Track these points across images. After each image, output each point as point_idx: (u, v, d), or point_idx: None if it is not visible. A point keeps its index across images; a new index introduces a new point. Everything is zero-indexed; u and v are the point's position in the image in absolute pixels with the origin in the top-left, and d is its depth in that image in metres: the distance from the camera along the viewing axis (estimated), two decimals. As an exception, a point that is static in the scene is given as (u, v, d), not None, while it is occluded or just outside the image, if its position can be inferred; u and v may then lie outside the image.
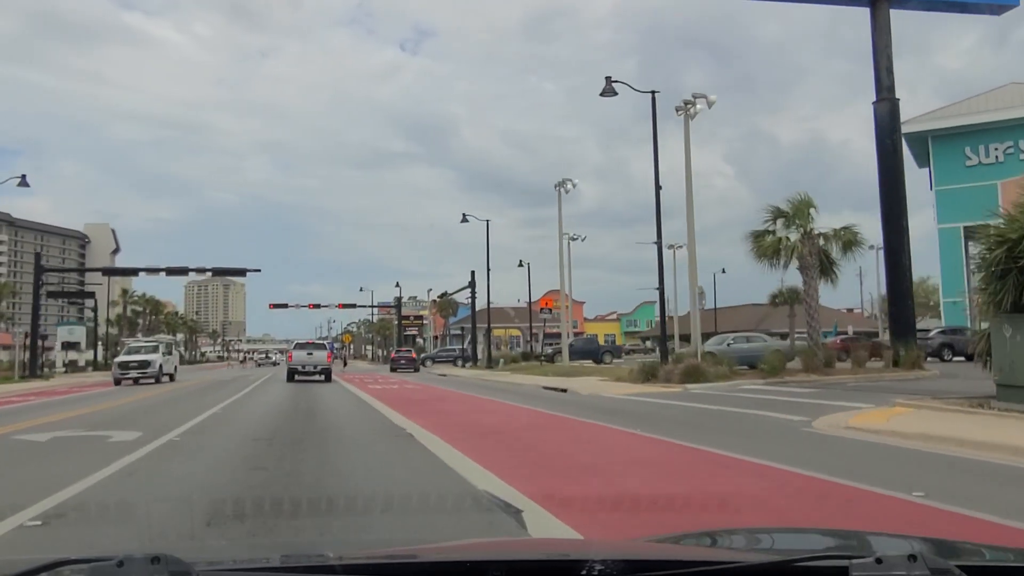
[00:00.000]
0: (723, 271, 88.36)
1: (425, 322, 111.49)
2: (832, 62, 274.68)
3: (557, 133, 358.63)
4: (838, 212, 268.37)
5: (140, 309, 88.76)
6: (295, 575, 1.74)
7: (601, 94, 24.61)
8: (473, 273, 55.92)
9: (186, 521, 5.79)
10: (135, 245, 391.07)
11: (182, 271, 44.98)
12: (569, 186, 40.33)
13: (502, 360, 46.56)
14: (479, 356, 57.41)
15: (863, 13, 27.61)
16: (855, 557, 1.57)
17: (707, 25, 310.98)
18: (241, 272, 45.28)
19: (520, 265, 58.47)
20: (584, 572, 1.59)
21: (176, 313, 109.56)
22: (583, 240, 59.62)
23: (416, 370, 51.95)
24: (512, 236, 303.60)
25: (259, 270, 43.92)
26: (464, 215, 48.60)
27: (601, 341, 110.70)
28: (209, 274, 43.90)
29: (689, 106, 26.81)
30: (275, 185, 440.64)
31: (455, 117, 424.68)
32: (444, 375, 43.18)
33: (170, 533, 5.50)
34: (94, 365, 73.00)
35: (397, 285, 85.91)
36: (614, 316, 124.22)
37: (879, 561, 1.53)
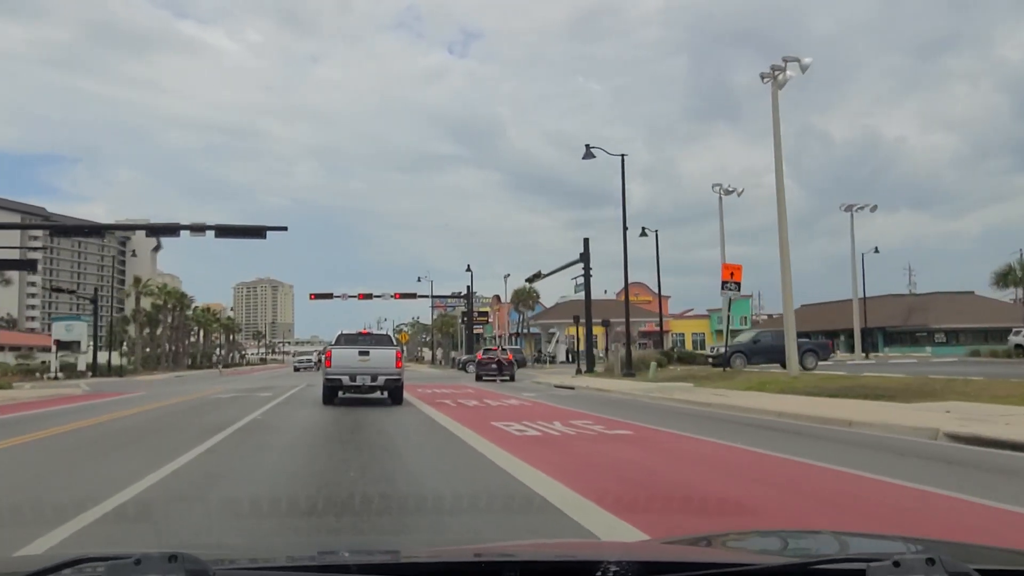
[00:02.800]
0: (876, 250, 69.78)
1: (489, 320, 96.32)
2: (886, 56, 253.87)
3: (604, 133, 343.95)
4: (895, 210, 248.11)
5: (161, 303, 74.49)
6: (309, 574, 1.68)
7: None
8: (587, 242, 39.81)
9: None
10: (184, 247, 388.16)
11: (171, 229, 29.96)
12: (788, 74, 23.99)
13: (654, 364, 30.35)
14: (560, 358, 42.42)
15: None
16: (873, 560, 1.51)
17: (756, 20, 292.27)
18: (259, 232, 29.98)
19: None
20: (599, 573, 1.54)
21: (208, 309, 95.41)
22: (740, 195, 43.57)
23: (512, 378, 36.14)
24: (558, 238, 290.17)
25: (285, 228, 28.65)
26: (588, 148, 32.59)
27: (688, 342, 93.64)
28: (210, 233, 28.74)
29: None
30: (323, 189, 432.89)
31: (502, 119, 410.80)
32: (570, 388, 27.22)
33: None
34: (93, 369, 58.72)
35: (468, 269, 69.98)
36: (690, 312, 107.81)
37: (897, 564, 1.47)
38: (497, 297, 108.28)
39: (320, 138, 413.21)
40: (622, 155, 32.83)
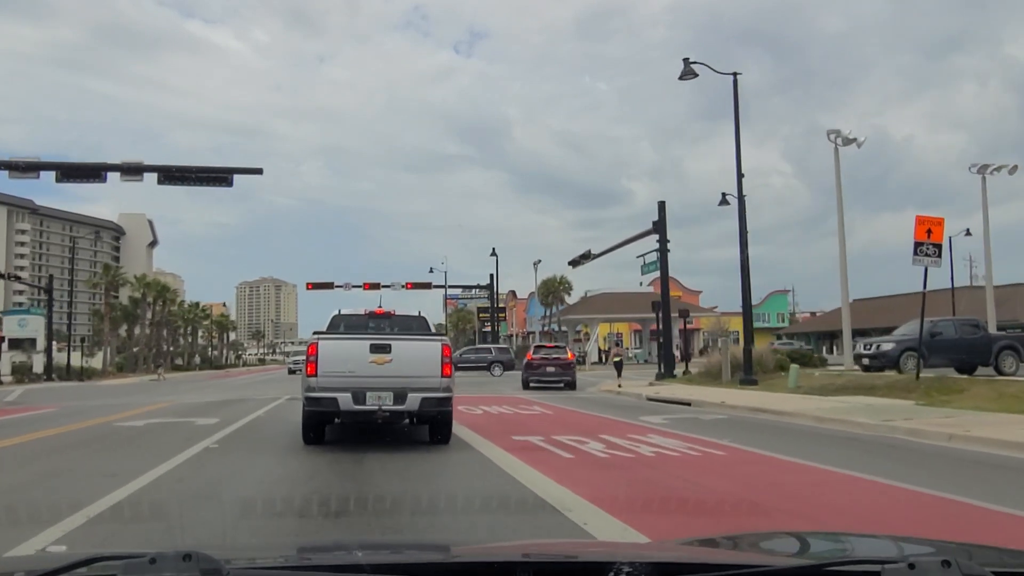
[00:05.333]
0: (967, 232, 59.24)
1: (504, 317, 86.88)
2: (896, 55, 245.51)
3: (611, 133, 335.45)
4: (902, 210, 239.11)
5: (139, 296, 65.20)
6: (323, 573, 1.67)
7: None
8: (662, 205, 30.43)
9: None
10: (186, 246, 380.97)
11: (94, 170, 20.38)
12: None
13: (795, 368, 20.80)
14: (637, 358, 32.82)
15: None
16: (887, 562, 1.49)
17: (765, 19, 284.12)
18: (223, 176, 20.67)
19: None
20: (612, 574, 1.52)
21: (197, 304, 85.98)
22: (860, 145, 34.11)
23: (571, 385, 26.80)
24: (565, 238, 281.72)
25: (260, 171, 19.13)
26: (687, 62, 23.23)
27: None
28: (151, 176, 19.30)
29: None
30: (331, 189, 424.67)
31: (509, 119, 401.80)
32: (684, 404, 17.91)
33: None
34: (48, 371, 49.13)
35: (493, 253, 60.46)
36: (715, 310, 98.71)
37: (912, 567, 1.44)
38: (513, 292, 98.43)
39: (328, 138, 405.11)
40: (734, 73, 23.49)
